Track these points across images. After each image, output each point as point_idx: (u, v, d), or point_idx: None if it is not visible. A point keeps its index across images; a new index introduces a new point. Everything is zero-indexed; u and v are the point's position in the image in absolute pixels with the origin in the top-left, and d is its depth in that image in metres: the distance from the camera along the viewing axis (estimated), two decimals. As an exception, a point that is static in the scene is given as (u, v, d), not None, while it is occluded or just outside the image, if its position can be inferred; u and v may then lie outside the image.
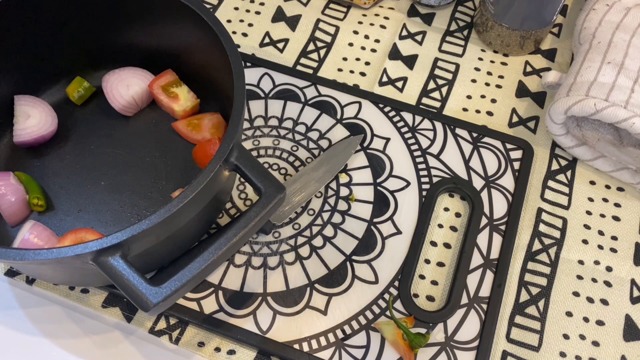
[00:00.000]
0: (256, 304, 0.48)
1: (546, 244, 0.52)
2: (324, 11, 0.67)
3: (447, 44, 0.64)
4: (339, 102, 0.59)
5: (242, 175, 0.41)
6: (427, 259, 0.51)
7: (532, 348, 0.47)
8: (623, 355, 0.47)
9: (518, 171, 0.55)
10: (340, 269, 0.50)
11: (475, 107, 0.60)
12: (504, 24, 0.60)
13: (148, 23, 0.53)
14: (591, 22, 0.58)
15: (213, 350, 0.47)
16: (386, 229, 0.52)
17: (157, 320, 0.48)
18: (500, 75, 0.62)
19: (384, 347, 0.47)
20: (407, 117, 0.58)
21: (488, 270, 0.50)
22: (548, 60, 0.63)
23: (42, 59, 0.54)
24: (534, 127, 0.59)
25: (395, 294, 0.49)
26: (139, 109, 0.55)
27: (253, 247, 0.51)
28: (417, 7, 0.67)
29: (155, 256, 0.45)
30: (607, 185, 0.55)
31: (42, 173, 0.52)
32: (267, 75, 0.60)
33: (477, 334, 0.47)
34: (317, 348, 0.46)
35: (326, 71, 0.62)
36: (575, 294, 0.50)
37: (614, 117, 0.49)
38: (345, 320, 0.48)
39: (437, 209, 0.53)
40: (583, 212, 0.54)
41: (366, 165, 0.55)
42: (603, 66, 0.53)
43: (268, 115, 0.58)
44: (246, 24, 0.65)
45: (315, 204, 0.53)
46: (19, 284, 0.49)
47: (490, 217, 0.52)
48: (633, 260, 0.51)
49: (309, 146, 0.56)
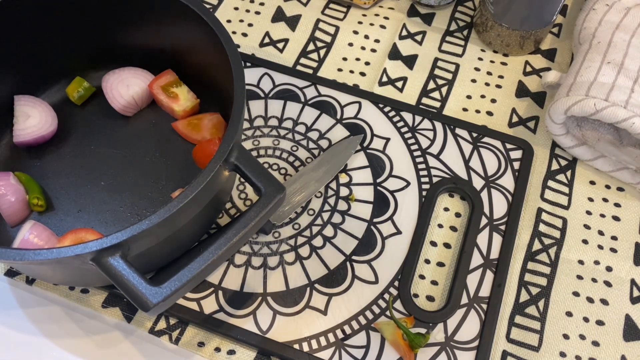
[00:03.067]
0: (256, 304, 0.48)
1: (546, 244, 0.52)
2: (324, 11, 0.67)
3: (447, 44, 0.64)
4: (339, 102, 0.59)
5: (242, 175, 0.41)
6: (427, 259, 0.51)
7: (532, 348, 0.47)
8: (623, 355, 0.47)
9: (518, 171, 0.55)
10: (340, 269, 0.50)
11: (475, 107, 0.60)
12: (504, 24, 0.60)
13: (148, 23, 0.53)
14: (591, 22, 0.58)
15: (213, 350, 0.47)
16: (386, 229, 0.52)
17: (157, 320, 0.48)
18: (500, 75, 0.62)
19: (384, 347, 0.47)
20: (407, 117, 0.58)
21: (488, 270, 0.50)
22: (548, 60, 0.63)
23: (42, 59, 0.54)
24: (534, 127, 0.59)
25: (395, 294, 0.49)
26: (139, 109, 0.55)
27: (253, 247, 0.51)
28: (417, 7, 0.67)
29: (155, 256, 0.45)
30: (607, 185, 0.55)
31: (42, 173, 0.52)
32: (267, 75, 0.60)
33: (477, 334, 0.47)
34: (317, 348, 0.46)
35: (326, 71, 0.62)
36: (575, 294, 0.50)
37: (614, 117, 0.49)
38: (345, 320, 0.48)
39: (437, 209, 0.53)
40: (583, 212, 0.54)
41: (366, 165, 0.55)
42: (603, 66, 0.53)
43: (268, 115, 0.58)
44: (246, 24, 0.65)
45: (315, 204, 0.53)
46: (19, 284, 0.49)
47: (490, 217, 0.52)
48: (633, 260, 0.51)
49: (309, 146, 0.56)
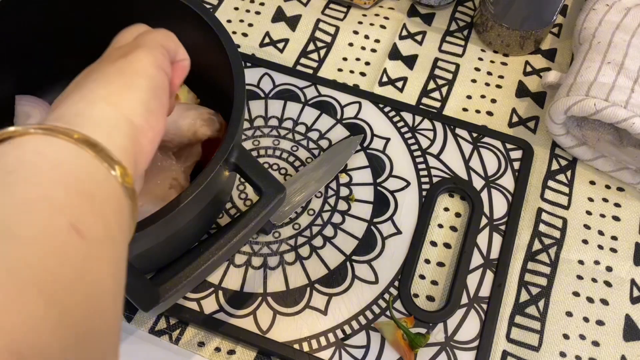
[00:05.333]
0: (256, 304, 0.48)
1: (546, 244, 0.52)
2: (324, 11, 0.67)
3: (447, 44, 0.64)
4: (339, 102, 0.59)
5: (242, 176, 0.41)
6: (427, 259, 0.51)
7: (532, 348, 0.47)
8: (623, 355, 0.47)
9: (518, 171, 0.55)
10: (340, 269, 0.50)
11: (475, 107, 0.60)
12: (504, 24, 0.60)
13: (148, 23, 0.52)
14: (591, 22, 0.58)
15: (213, 350, 0.47)
16: (386, 229, 0.52)
17: (157, 320, 0.48)
18: (500, 75, 0.62)
19: (384, 347, 0.47)
20: (407, 117, 0.58)
21: (488, 270, 0.50)
22: (548, 60, 0.63)
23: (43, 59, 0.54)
24: (534, 127, 0.59)
25: (395, 294, 0.49)
26: (139, 109, 0.55)
27: (253, 247, 0.51)
28: (417, 7, 0.67)
29: (155, 256, 0.45)
30: (607, 185, 0.55)
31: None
32: (267, 75, 0.60)
33: (477, 334, 0.47)
34: (317, 348, 0.46)
35: (326, 71, 0.62)
36: (575, 294, 0.50)
37: (614, 117, 0.49)
38: (345, 320, 0.48)
39: (437, 209, 0.53)
40: (583, 212, 0.54)
41: (366, 165, 0.55)
42: (603, 66, 0.53)
43: (268, 115, 0.58)
44: (246, 24, 0.65)
45: (315, 204, 0.53)
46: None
47: (490, 217, 0.52)
48: (633, 260, 0.51)
49: (309, 146, 0.56)
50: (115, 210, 0.26)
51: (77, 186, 0.24)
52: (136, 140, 0.29)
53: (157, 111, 0.31)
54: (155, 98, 0.31)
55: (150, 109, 0.30)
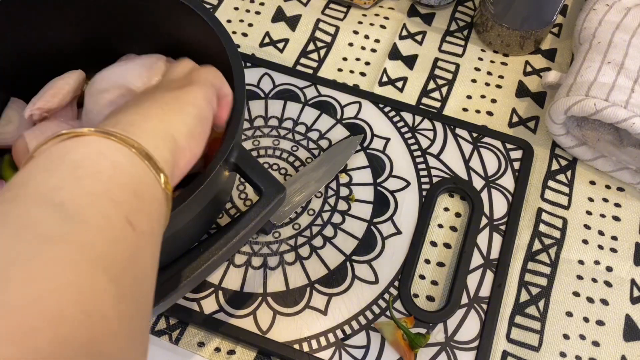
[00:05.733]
0: (256, 304, 0.48)
1: (546, 244, 0.52)
2: (324, 11, 0.67)
3: (447, 44, 0.64)
4: (339, 102, 0.59)
5: (242, 176, 0.41)
6: (427, 259, 0.51)
7: (532, 348, 0.47)
8: (623, 355, 0.47)
9: (518, 171, 0.55)
10: (340, 269, 0.50)
11: (475, 107, 0.60)
12: (504, 24, 0.60)
13: (148, 24, 0.53)
14: (591, 22, 0.58)
15: (213, 351, 0.47)
16: (386, 229, 0.52)
17: (157, 320, 0.48)
18: (500, 75, 0.62)
19: (384, 347, 0.47)
20: (407, 117, 0.58)
21: (488, 270, 0.50)
22: (548, 60, 0.63)
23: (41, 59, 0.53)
24: (534, 127, 0.59)
25: (395, 294, 0.49)
26: (139, 109, 0.55)
27: (253, 247, 0.51)
28: (417, 7, 0.67)
29: (155, 256, 0.45)
30: (607, 185, 0.55)
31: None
32: (267, 75, 0.60)
33: (477, 334, 0.47)
34: (317, 348, 0.46)
35: (326, 71, 0.62)
36: (575, 294, 0.50)
37: (614, 117, 0.49)
38: (345, 320, 0.48)
39: (437, 209, 0.53)
40: (583, 212, 0.54)
41: (366, 165, 0.55)
42: (603, 66, 0.53)
43: (268, 115, 0.58)
44: (246, 24, 0.65)
45: (315, 204, 0.53)
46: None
47: (490, 217, 0.52)
48: (633, 260, 0.51)
49: (309, 146, 0.56)
50: (158, 210, 0.30)
51: (131, 186, 0.28)
52: (176, 156, 0.33)
53: (199, 137, 0.36)
54: (199, 126, 0.36)
55: (193, 133, 0.35)
